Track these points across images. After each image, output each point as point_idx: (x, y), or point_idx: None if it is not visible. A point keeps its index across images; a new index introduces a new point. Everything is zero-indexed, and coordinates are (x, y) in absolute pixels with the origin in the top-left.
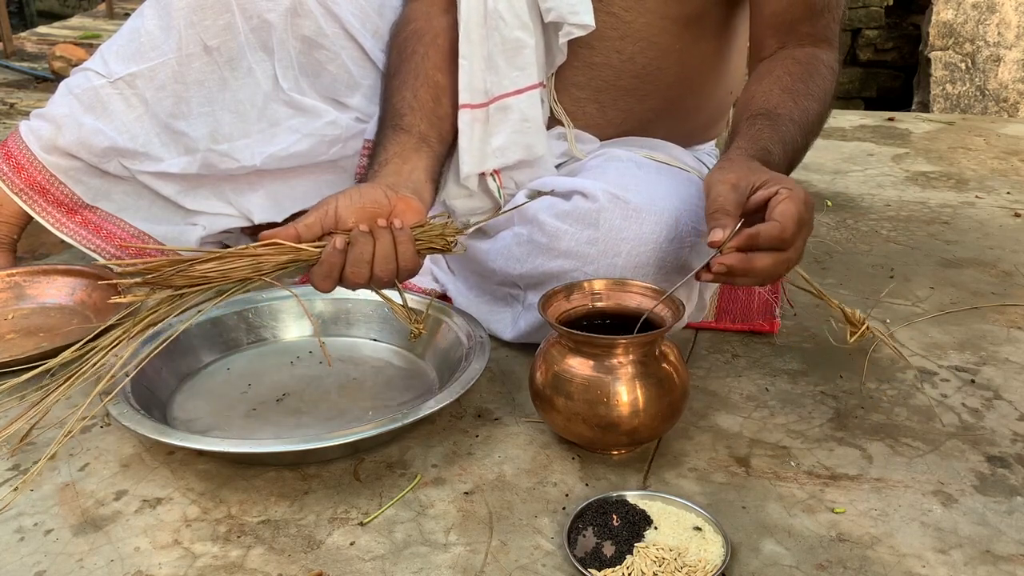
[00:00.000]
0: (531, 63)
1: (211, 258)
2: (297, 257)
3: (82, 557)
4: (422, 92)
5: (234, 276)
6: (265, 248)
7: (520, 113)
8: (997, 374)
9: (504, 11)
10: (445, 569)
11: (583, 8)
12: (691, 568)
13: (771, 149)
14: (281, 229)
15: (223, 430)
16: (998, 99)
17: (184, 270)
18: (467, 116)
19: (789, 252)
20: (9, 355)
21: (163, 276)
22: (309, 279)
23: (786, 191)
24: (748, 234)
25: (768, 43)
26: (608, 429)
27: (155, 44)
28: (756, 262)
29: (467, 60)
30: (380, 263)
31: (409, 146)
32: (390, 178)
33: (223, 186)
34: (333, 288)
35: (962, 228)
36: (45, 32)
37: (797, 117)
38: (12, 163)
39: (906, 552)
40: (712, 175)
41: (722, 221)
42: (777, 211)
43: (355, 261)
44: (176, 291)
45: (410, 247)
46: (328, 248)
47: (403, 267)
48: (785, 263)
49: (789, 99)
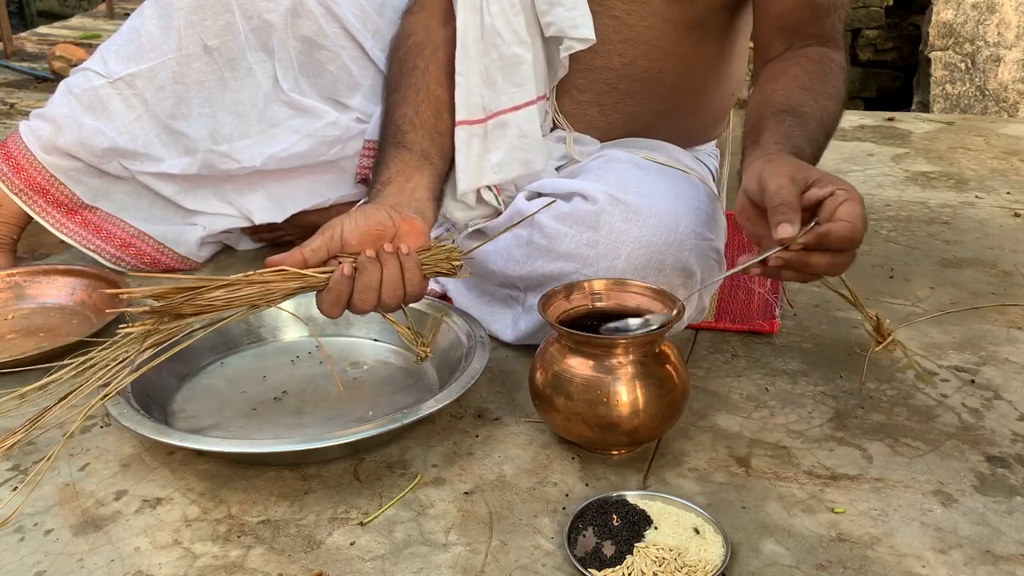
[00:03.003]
0: (529, 79)
1: (219, 285)
2: (305, 284)
3: (82, 557)
4: (423, 107)
5: (242, 303)
6: (273, 275)
7: (518, 129)
8: (997, 374)
9: (501, 27)
10: (445, 569)
11: (583, 22)
12: (691, 568)
13: (803, 147)
14: (287, 255)
15: (223, 430)
16: (998, 99)
17: (192, 298)
18: (464, 133)
19: (848, 254)
20: (9, 355)
21: (171, 304)
22: (317, 305)
23: (843, 192)
24: (819, 232)
25: (775, 44)
26: (608, 429)
27: (155, 44)
28: (813, 259)
29: (463, 76)
30: (388, 290)
31: (411, 164)
32: (393, 198)
33: (223, 186)
34: (341, 314)
35: (962, 228)
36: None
37: (819, 116)
38: (12, 163)
39: (906, 552)
40: (764, 168)
41: (789, 216)
42: (844, 211)
43: (363, 288)
44: (184, 318)
45: (417, 273)
46: (336, 275)
47: (410, 293)
48: (840, 265)
49: (810, 98)
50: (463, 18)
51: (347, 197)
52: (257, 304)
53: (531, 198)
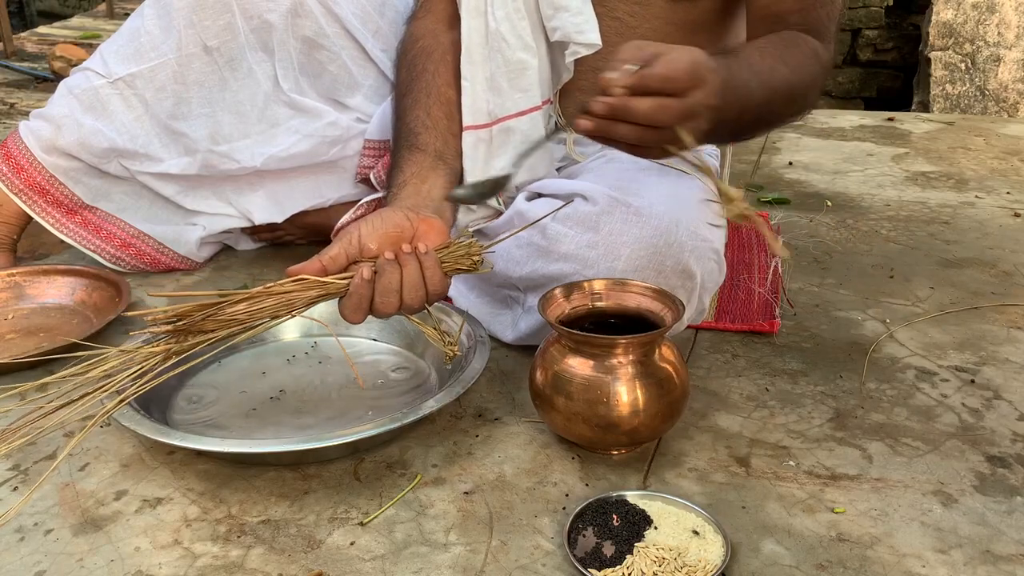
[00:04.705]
0: (534, 84)
1: (241, 299)
2: (326, 291)
3: (82, 557)
4: (435, 109)
5: (264, 315)
6: (293, 285)
7: (523, 135)
8: (997, 374)
9: (507, 32)
10: (445, 569)
11: (589, 27)
12: (691, 568)
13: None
14: (306, 264)
15: (223, 430)
16: (998, 99)
17: (213, 314)
18: (471, 137)
19: (675, 100)
20: (9, 355)
21: (193, 322)
22: (340, 312)
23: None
24: (639, 74)
25: (758, 34)
26: (608, 429)
27: (155, 44)
28: (634, 103)
29: (469, 81)
30: (409, 290)
31: (426, 165)
32: (410, 200)
33: (223, 186)
34: (364, 319)
35: (962, 228)
36: (45, 32)
37: (758, 68)
38: (12, 164)
39: (906, 552)
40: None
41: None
42: (671, 55)
43: (384, 291)
44: (206, 335)
45: (437, 271)
46: (356, 280)
47: (432, 291)
48: (666, 109)
49: (755, 52)
50: (468, 23)
51: (347, 197)
52: (279, 315)
53: (531, 198)
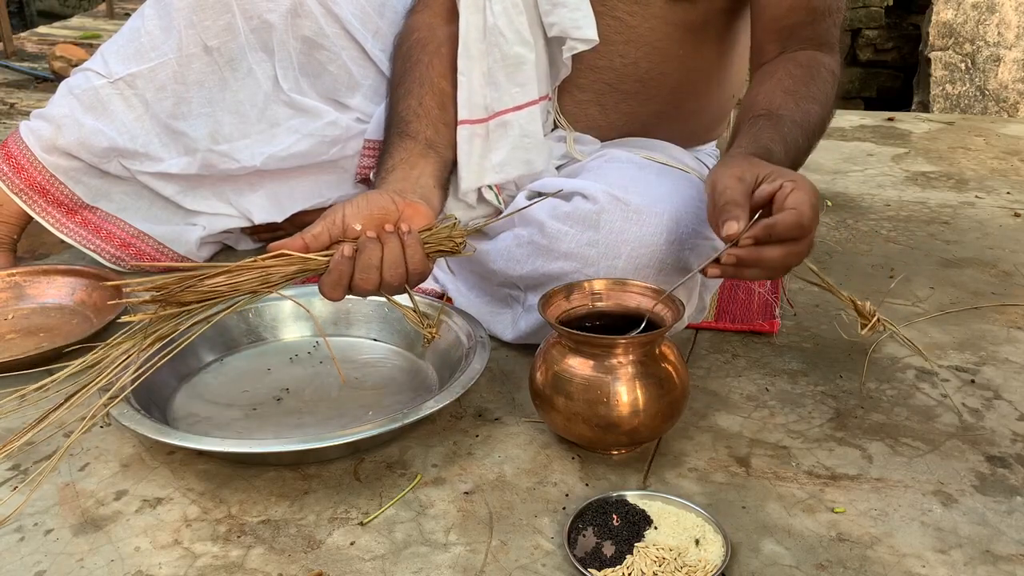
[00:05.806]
0: (531, 79)
1: (219, 272)
2: (305, 267)
3: (82, 557)
4: (427, 99)
5: (243, 289)
6: (273, 260)
7: (520, 129)
8: (997, 374)
9: (504, 27)
10: (445, 569)
11: (586, 23)
12: (691, 568)
13: (772, 148)
14: (289, 240)
15: (223, 430)
16: (998, 99)
17: (193, 285)
18: (466, 132)
19: (802, 243)
20: (9, 355)
21: (172, 293)
22: (319, 288)
23: (791, 183)
24: (765, 224)
25: (769, 48)
26: (608, 429)
27: (155, 44)
28: (766, 253)
29: (465, 76)
30: (389, 268)
31: (416, 152)
32: (397, 184)
33: (223, 186)
34: (343, 296)
35: (962, 228)
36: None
37: (799, 119)
38: (12, 163)
39: (906, 552)
40: (715, 172)
41: (735, 213)
42: (791, 200)
43: (364, 267)
44: (185, 307)
45: (419, 250)
46: (336, 256)
47: (412, 271)
48: (796, 255)
49: (791, 101)
50: (466, 18)
51: (347, 197)
52: (257, 290)
53: (531, 197)
